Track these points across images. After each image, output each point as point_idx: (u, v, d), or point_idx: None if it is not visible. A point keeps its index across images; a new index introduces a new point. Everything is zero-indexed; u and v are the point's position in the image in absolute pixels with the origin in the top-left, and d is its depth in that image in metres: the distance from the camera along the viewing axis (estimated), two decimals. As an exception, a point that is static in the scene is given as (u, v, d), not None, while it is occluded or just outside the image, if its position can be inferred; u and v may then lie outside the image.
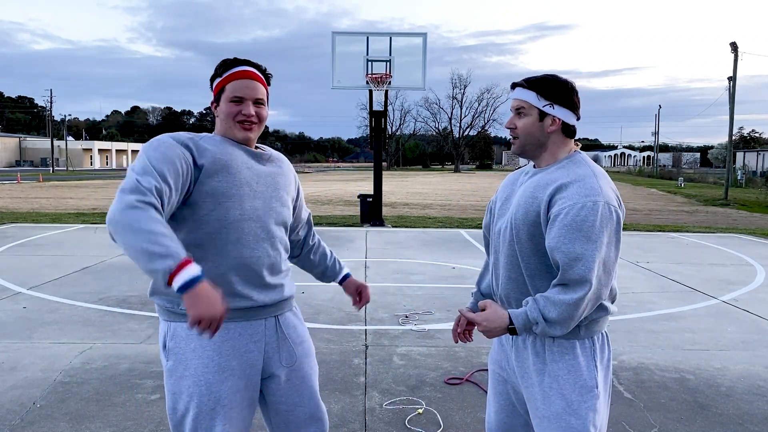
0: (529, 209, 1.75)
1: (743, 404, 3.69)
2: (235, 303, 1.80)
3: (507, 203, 1.89)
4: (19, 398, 3.60)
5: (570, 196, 1.67)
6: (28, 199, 20.77)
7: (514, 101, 1.85)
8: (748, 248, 10.53)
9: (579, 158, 1.80)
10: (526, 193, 1.79)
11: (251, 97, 1.82)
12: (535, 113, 1.80)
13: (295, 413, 1.96)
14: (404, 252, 9.47)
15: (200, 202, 1.73)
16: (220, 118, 1.85)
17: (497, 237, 1.88)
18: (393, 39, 13.03)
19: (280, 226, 1.91)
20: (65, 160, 71.84)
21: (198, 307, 1.48)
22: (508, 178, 2.00)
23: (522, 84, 1.83)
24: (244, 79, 1.82)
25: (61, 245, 9.73)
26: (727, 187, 26.51)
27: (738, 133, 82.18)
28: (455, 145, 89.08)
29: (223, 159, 1.76)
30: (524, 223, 1.75)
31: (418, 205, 20.34)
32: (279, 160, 1.97)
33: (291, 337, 1.95)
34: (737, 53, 26.25)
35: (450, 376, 4.08)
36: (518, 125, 1.83)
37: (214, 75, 1.87)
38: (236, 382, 1.81)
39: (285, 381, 1.93)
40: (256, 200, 1.82)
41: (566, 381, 1.74)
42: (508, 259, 1.83)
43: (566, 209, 1.65)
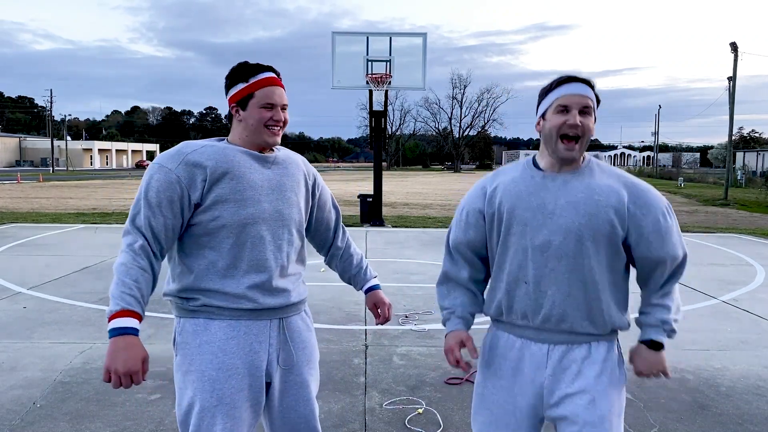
0: (605, 218, 1.67)
1: (743, 404, 3.69)
2: (241, 304, 1.81)
3: (544, 212, 1.70)
4: (19, 398, 3.60)
5: (650, 204, 1.72)
6: (28, 199, 20.77)
7: (581, 98, 1.68)
8: (748, 248, 10.54)
9: (597, 161, 1.81)
10: (591, 201, 1.68)
11: (280, 103, 1.87)
12: (593, 115, 1.72)
13: (289, 416, 1.95)
14: (404, 252, 9.47)
15: (208, 208, 1.79)
16: (247, 123, 1.85)
17: (540, 251, 1.70)
18: (393, 39, 13.04)
19: (288, 229, 1.90)
20: (65, 160, 71.86)
21: (114, 359, 1.61)
22: (517, 186, 1.77)
23: (587, 81, 1.71)
24: (272, 86, 1.86)
25: (61, 245, 9.73)
26: (727, 187, 26.51)
27: (738, 133, 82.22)
28: (455, 145, 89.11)
29: (223, 167, 1.79)
30: (602, 233, 1.67)
31: (418, 205, 20.35)
32: (286, 162, 1.95)
33: (293, 340, 1.94)
34: (737, 53, 26.25)
35: (450, 376, 4.08)
36: (588, 125, 1.68)
37: (235, 79, 1.87)
38: (240, 381, 1.81)
39: (282, 383, 1.93)
40: (262, 204, 1.83)
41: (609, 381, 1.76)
42: (567, 274, 1.69)
43: (652, 220, 1.70)
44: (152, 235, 1.74)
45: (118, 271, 1.69)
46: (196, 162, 1.77)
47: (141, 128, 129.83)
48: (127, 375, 1.61)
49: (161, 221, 1.75)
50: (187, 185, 1.75)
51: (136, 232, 1.75)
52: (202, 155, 1.78)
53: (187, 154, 1.78)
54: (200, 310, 1.81)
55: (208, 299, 1.80)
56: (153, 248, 1.75)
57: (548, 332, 1.75)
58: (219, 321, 1.81)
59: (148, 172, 1.79)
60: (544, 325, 1.74)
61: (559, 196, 1.70)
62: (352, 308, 5.86)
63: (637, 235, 1.70)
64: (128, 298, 1.65)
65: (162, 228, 1.75)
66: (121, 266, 1.69)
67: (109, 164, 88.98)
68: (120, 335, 1.62)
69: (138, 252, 1.72)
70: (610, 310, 1.73)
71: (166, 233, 1.77)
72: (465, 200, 1.89)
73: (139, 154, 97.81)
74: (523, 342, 1.78)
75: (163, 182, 1.74)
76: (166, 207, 1.74)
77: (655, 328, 1.76)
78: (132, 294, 1.66)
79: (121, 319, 1.63)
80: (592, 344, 1.75)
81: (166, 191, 1.74)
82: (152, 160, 1.87)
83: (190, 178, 1.75)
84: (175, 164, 1.76)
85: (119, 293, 1.66)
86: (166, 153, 1.81)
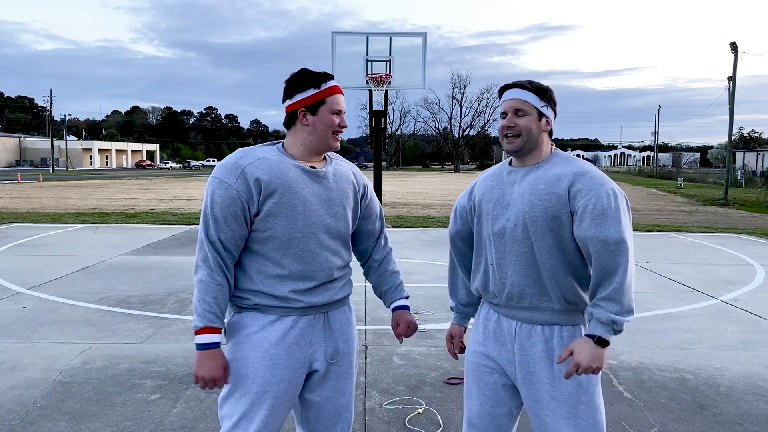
0: (547, 205, 1.85)
1: (743, 404, 3.69)
2: (288, 303, 1.91)
3: (501, 203, 1.95)
4: (19, 398, 3.60)
5: (590, 189, 1.83)
6: (28, 199, 20.77)
7: (514, 101, 1.93)
8: (748, 248, 10.54)
9: (565, 155, 1.97)
10: (536, 192, 1.88)
11: (344, 110, 2.00)
12: (534, 113, 1.93)
13: (326, 408, 2.04)
14: (404, 252, 9.48)
15: (262, 219, 1.89)
16: (316, 128, 1.94)
17: (498, 237, 1.95)
18: (393, 39, 13.05)
19: (336, 239, 2.00)
20: (65, 160, 71.87)
21: (202, 368, 1.85)
22: (486, 181, 2.05)
23: (523, 85, 1.94)
24: (340, 94, 2.00)
25: (61, 245, 9.73)
26: (727, 187, 26.52)
27: (738, 133, 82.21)
28: (455, 145, 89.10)
29: (276, 182, 1.87)
30: (543, 218, 1.85)
31: (418, 205, 20.35)
32: (336, 176, 2.02)
33: (337, 333, 2.03)
34: (737, 53, 26.26)
35: (450, 375, 4.08)
36: (520, 124, 1.92)
37: (304, 85, 1.94)
38: (282, 373, 1.90)
39: (324, 375, 2.01)
40: (311, 218, 1.92)
41: None
42: (520, 257, 1.91)
43: (592, 200, 1.81)
44: (224, 248, 1.87)
45: (198, 287, 1.86)
46: (253, 176, 1.85)
47: (141, 128, 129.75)
48: (212, 381, 1.86)
49: (230, 233, 1.87)
50: (247, 199, 1.85)
51: (210, 246, 1.87)
52: (258, 169, 1.87)
53: (244, 167, 1.86)
54: (251, 308, 1.94)
55: (259, 299, 1.91)
56: (226, 260, 1.88)
57: (514, 309, 1.97)
58: (269, 316, 1.92)
59: (210, 186, 1.88)
60: (509, 303, 1.97)
61: (514, 189, 1.94)
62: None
63: (576, 216, 1.85)
64: (210, 316, 1.84)
65: (232, 239, 1.88)
66: (201, 283, 1.86)
67: (109, 164, 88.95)
68: (205, 349, 1.85)
69: (214, 268, 1.86)
70: (562, 287, 1.90)
71: (236, 243, 1.89)
72: (458, 199, 2.19)
73: (139, 154, 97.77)
74: (498, 316, 2.03)
75: (225, 198, 1.85)
76: (231, 221, 1.86)
77: (605, 326, 1.81)
78: (212, 311, 1.85)
79: (206, 336, 1.84)
80: (555, 328, 1.93)
81: (230, 206, 1.85)
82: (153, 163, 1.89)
83: (248, 192, 1.85)
84: (233, 178, 1.85)
85: (202, 311, 1.85)
86: (225, 165, 1.89)
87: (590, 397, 1.90)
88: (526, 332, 1.94)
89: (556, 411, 1.89)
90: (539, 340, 1.92)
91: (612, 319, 1.79)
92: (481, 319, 2.11)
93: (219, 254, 1.87)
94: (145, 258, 8.62)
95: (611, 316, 1.79)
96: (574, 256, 1.90)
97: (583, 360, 1.78)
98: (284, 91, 1.99)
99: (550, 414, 1.90)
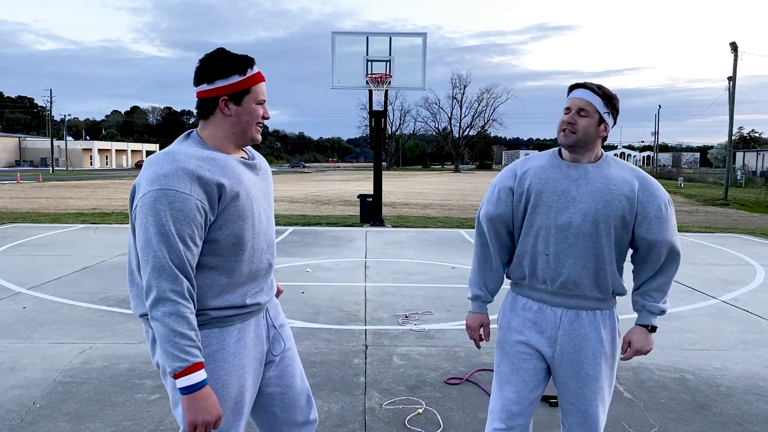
0: (618, 205, 2.00)
1: (743, 404, 3.69)
2: (245, 309, 1.82)
3: (567, 196, 2.03)
4: (18, 398, 3.60)
5: (655, 194, 2.03)
6: (28, 199, 20.77)
7: (580, 101, 2.02)
8: (748, 248, 10.54)
9: (615, 158, 2.13)
10: (607, 191, 2.01)
11: (266, 99, 1.83)
12: (596, 117, 2.02)
13: (289, 394, 2.00)
14: (404, 252, 9.47)
15: (216, 228, 1.71)
16: (240, 119, 1.75)
17: (561, 230, 2.03)
18: (393, 39, 13.03)
19: (273, 231, 1.94)
20: (65, 160, 71.84)
21: (195, 412, 1.61)
22: (545, 172, 2.08)
23: (592, 88, 2.03)
24: (263, 82, 1.80)
25: (61, 245, 9.73)
26: (727, 187, 26.51)
27: (738, 133, 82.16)
28: (455, 145, 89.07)
29: (236, 184, 1.71)
30: (614, 217, 2.00)
31: (418, 205, 20.34)
32: (263, 166, 1.94)
33: (276, 320, 2.00)
34: (737, 53, 26.25)
35: (450, 376, 4.08)
36: (580, 123, 2.02)
37: (227, 70, 1.73)
38: (250, 380, 1.85)
39: (278, 363, 1.98)
40: (260, 215, 1.81)
41: (609, 344, 2.10)
42: (584, 250, 2.02)
43: (655, 207, 2.02)
44: (191, 270, 1.64)
45: (174, 321, 1.58)
46: (210, 180, 1.64)
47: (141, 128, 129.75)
48: (210, 424, 1.64)
49: (195, 251, 1.65)
50: (209, 208, 1.65)
51: (179, 271, 1.61)
52: (213, 171, 1.66)
53: (194, 170, 1.63)
54: (209, 323, 1.76)
55: (214, 314, 1.75)
56: (193, 284, 1.66)
57: (562, 296, 2.08)
58: (229, 327, 1.79)
59: (160, 201, 1.58)
60: (561, 291, 2.07)
61: (580, 185, 2.03)
62: (352, 308, 5.86)
63: (641, 218, 2.02)
64: (195, 351, 1.60)
65: (195, 259, 1.66)
66: (175, 317, 1.58)
67: (108, 164, 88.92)
68: (195, 392, 1.61)
69: (186, 297, 1.61)
70: (613, 279, 2.07)
71: (196, 262, 1.68)
72: (498, 180, 2.19)
73: (139, 154, 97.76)
74: (539, 305, 2.12)
75: (186, 210, 1.60)
76: (198, 236, 1.64)
77: (656, 315, 2.11)
78: (196, 345, 1.61)
79: (193, 375, 1.59)
80: (596, 312, 2.08)
81: (195, 220, 1.62)
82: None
83: (209, 199, 1.64)
84: (188, 186, 1.61)
85: (185, 346, 1.58)
86: (167, 172, 1.61)
87: (612, 379, 2.14)
88: (571, 318, 2.08)
89: (590, 386, 2.08)
90: (583, 324, 2.07)
91: (662, 309, 2.09)
92: (517, 310, 2.17)
93: (189, 280, 1.63)
94: (145, 258, 8.60)
95: (662, 306, 2.09)
96: (624, 252, 2.09)
97: (643, 347, 2.10)
98: (199, 74, 1.74)
99: (584, 388, 2.08)
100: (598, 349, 2.07)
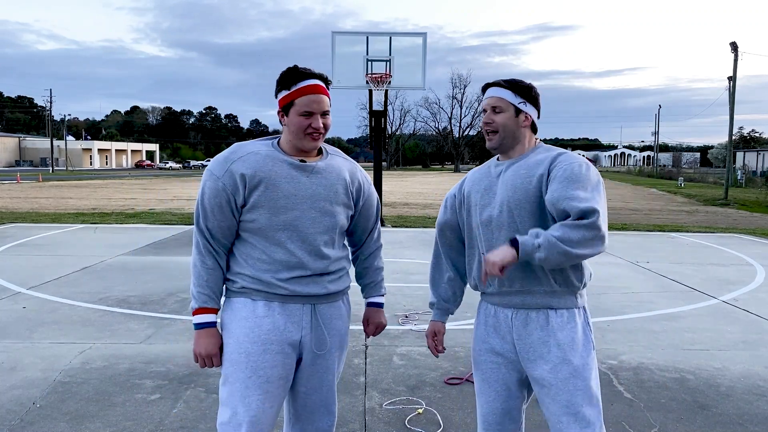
0: (529, 188, 1.92)
1: (743, 404, 3.69)
2: (275, 290, 1.96)
3: (489, 193, 2.02)
4: (18, 398, 3.60)
5: (563, 160, 1.90)
6: (28, 199, 20.77)
7: (491, 99, 2.02)
8: (748, 248, 10.54)
9: (548, 146, 2.04)
10: (518, 176, 1.95)
11: (319, 110, 1.93)
12: (511, 110, 1.99)
13: (312, 398, 2.08)
14: (404, 252, 9.47)
15: (248, 210, 1.96)
16: (290, 129, 1.96)
17: (485, 225, 2.01)
18: (393, 39, 13.03)
19: (321, 233, 2.00)
20: (65, 159, 71.87)
21: (198, 345, 1.98)
22: (475, 174, 2.14)
23: (499, 83, 2.02)
24: (312, 94, 1.92)
25: (61, 245, 9.73)
26: (727, 187, 26.52)
27: (738, 133, 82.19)
28: (455, 144, 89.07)
29: (260, 176, 1.93)
30: (527, 201, 1.91)
31: (418, 205, 20.34)
32: (327, 170, 2.01)
33: (325, 326, 2.05)
34: (737, 53, 26.25)
35: (450, 376, 4.08)
36: (497, 120, 2.00)
37: (280, 86, 1.96)
38: (274, 357, 1.94)
39: (310, 365, 2.04)
40: (294, 212, 1.95)
41: (570, 348, 1.94)
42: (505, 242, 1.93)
43: (562, 168, 1.87)
44: (211, 236, 1.97)
45: (192, 271, 2.00)
46: (239, 170, 1.92)
47: (141, 128, 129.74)
48: (209, 357, 1.98)
49: (216, 223, 1.96)
50: (232, 192, 1.93)
51: (199, 233, 1.99)
52: (245, 163, 1.93)
53: (233, 161, 1.94)
54: (240, 292, 2.00)
55: (246, 283, 1.97)
56: (215, 246, 1.98)
57: (507, 296, 2.00)
58: (255, 300, 1.98)
59: (204, 177, 1.98)
60: (501, 289, 2.00)
61: (500, 179, 2.01)
62: (352, 308, 5.85)
63: (547, 186, 1.89)
64: (204, 297, 1.97)
65: (218, 229, 1.97)
66: (193, 267, 2.00)
67: (108, 164, 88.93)
68: (202, 329, 1.97)
69: (203, 252, 1.98)
70: (550, 270, 1.92)
71: (222, 232, 1.98)
72: (449, 192, 2.25)
73: (139, 154, 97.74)
74: (495, 308, 2.06)
75: (212, 189, 1.94)
76: (217, 211, 1.95)
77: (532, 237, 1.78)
78: (206, 293, 1.97)
79: (202, 316, 1.97)
80: (549, 312, 1.96)
81: (216, 198, 1.94)
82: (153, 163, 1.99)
83: (233, 185, 1.93)
84: (222, 172, 1.93)
85: (197, 293, 1.98)
86: (218, 159, 1.99)
87: (585, 381, 1.93)
88: (522, 320, 1.98)
89: (555, 398, 1.92)
90: (535, 328, 1.96)
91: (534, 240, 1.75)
92: (481, 317, 2.13)
93: (208, 241, 1.98)
94: (145, 258, 8.62)
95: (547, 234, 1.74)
96: None
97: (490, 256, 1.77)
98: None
99: (550, 401, 1.94)
100: (555, 356, 1.92)
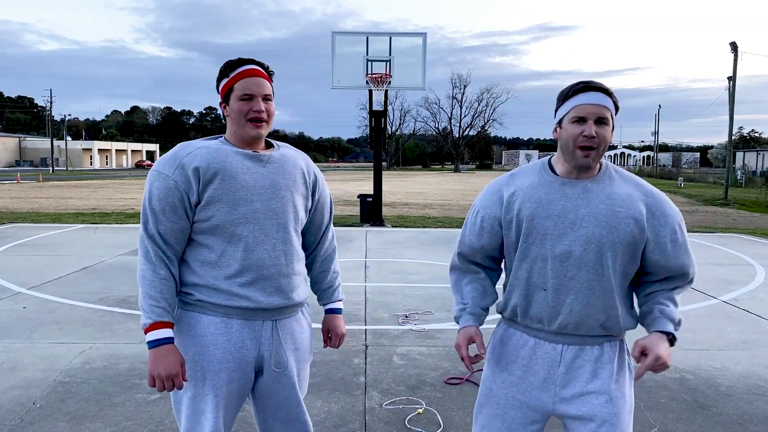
0: (626, 230, 1.69)
1: (743, 404, 3.69)
2: (234, 302, 1.83)
3: (564, 221, 1.70)
4: (18, 398, 3.60)
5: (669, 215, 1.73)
6: (28, 199, 20.77)
7: (596, 108, 1.65)
8: (748, 248, 10.53)
9: (612, 165, 1.81)
10: (612, 214, 1.69)
11: (260, 93, 1.85)
12: (611, 124, 1.69)
13: (281, 411, 1.98)
14: (404, 252, 9.47)
15: (203, 208, 1.82)
16: (231, 117, 1.86)
17: (560, 261, 1.71)
18: (393, 39, 13.03)
19: (282, 228, 1.88)
20: (65, 160, 71.84)
21: (156, 365, 1.76)
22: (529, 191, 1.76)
23: (605, 90, 1.68)
24: (251, 77, 1.85)
25: (61, 245, 9.73)
26: (727, 186, 26.51)
27: (738, 133, 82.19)
28: (455, 145, 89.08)
29: (214, 167, 1.81)
30: (621, 245, 1.68)
31: (418, 205, 20.34)
32: (283, 160, 1.93)
33: (286, 342, 1.94)
34: (737, 53, 26.24)
35: (450, 376, 4.08)
36: (603, 135, 1.66)
37: (220, 77, 1.89)
38: (229, 375, 1.85)
39: (273, 383, 1.94)
40: (254, 203, 1.83)
41: (621, 378, 1.79)
42: (587, 283, 1.70)
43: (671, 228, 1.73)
44: (163, 241, 1.81)
45: (141, 284, 1.80)
46: (191, 165, 1.80)
47: (141, 128, 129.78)
48: (169, 378, 1.76)
49: (168, 226, 1.81)
50: (185, 189, 1.80)
51: (150, 240, 1.82)
52: (195, 157, 1.81)
53: (182, 157, 1.81)
54: (195, 304, 1.86)
55: (202, 296, 1.84)
56: (167, 253, 1.82)
57: (563, 335, 1.76)
58: (212, 316, 1.84)
59: (149, 179, 1.84)
60: (560, 330, 1.75)
61: (579, 206, 1.70)
62: (352, 308, 5.86)
63: (654, 244, 1.72)
64: (158, 311, 1.78)
65: (170, 232, 1.82)
66: (144, 279, 1.80)
67: (108, 164, 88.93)
68: (157, 346, 1.76)
69: (155, 261, 1.80)
70: (623, 315, 1.77)
71: (176, 236, 1.83)
72: (480, 203, 1.85)
73: (139, 154, 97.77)
74: (536, 341, 1.80)
75: (162, 189, 1.79)
76: (170, 212, 1.80)
77: (672, 323, 1.72)
78: (160, 306, 1.78)
79: (156, 332, 1.77)
80: (604, 344, 1.78)
81: (167, 197, 1.79)
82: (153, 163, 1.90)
83: (186, 181, 1.79)
84: (171, 169, 1.80)
85: (149, 307, 1.78)
86: (165, 157, 1.84)
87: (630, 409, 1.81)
88: (573, 354, 1.76)
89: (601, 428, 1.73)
90: (587, 360, 1.76)
91: (679, 318, 1.73)
92: (510, 347, 1.85)
93: (159, 247, 1.81)
94: (145, 258, 8.61)
95: (679, 316, 1.74)
96: (629, 280, 1.78)
97: (664, 353, 1.63)
98: None
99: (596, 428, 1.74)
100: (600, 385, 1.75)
